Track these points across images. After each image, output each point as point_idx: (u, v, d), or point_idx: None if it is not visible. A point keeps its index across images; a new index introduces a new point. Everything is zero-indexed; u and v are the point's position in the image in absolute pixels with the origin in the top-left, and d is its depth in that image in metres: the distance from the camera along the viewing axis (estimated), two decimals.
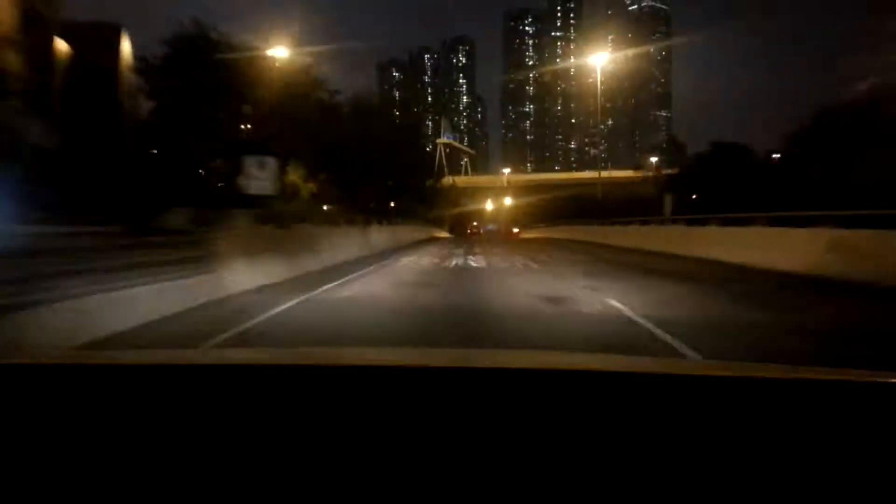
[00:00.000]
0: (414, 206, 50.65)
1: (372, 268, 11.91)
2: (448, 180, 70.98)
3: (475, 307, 6.52)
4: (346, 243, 14.58)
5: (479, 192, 72.96)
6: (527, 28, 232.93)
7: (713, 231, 15.02)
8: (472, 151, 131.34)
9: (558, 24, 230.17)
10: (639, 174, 53.08)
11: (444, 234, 57.36)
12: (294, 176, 28.35)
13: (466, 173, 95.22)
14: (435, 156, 78.21)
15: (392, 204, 40.86)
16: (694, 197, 38.62)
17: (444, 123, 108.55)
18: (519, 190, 69.12)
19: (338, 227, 16.28)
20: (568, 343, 4.62)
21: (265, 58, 22.82)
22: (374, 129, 29.77)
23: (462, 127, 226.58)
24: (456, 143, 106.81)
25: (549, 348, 4.36)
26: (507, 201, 71.19)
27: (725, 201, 27.26)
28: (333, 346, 4.67)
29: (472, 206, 70.45)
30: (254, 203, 15.11)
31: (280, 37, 24.59)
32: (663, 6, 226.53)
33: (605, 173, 63.45)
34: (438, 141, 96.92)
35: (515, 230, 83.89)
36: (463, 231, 70.36)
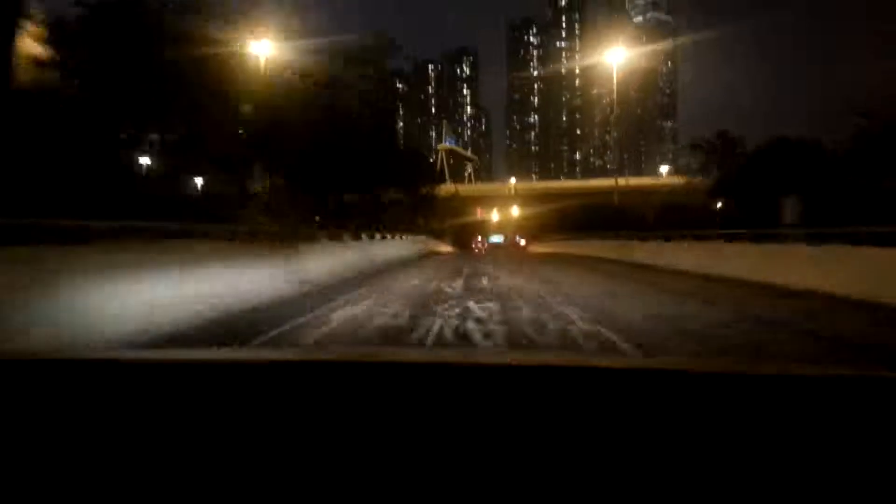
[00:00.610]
0: (412, 216, 44.33)
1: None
2: (450, 188, 64.02)
3: None
4: (235, 275, 7.57)
5: (483, 202, 65.78)
6: (531, 39, 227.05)
7: None
8: (476, 158, 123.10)
9: (563, 34, 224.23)
10: (672, 180, 45.42)
11: (446, 248, 50.55)
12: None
13: (470, 182, 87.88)
14: (436, 162, 71.30)
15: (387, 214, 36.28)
16: (718, 206, 31.53)
17: (445, 127, 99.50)
18: (526, 199, 62.02)
19: (240, 246, 9.17)
20: None
21: (224, 37, 16.97)
22: (335, 110, 23.30)
23: (466, 138, 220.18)
24: (458, 149, 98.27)
25: None
26: (514, 211, 64.00)
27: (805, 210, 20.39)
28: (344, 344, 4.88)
29: (476, 217, 63.49)
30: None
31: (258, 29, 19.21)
32: (668, 18, 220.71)
33: (621, 180, 56.62)
34: (439, 146, 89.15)
35: (522, 242, 77.25)
36: (467, 244, 63.42)
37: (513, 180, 76.68)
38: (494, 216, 67.47)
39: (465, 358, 1.55)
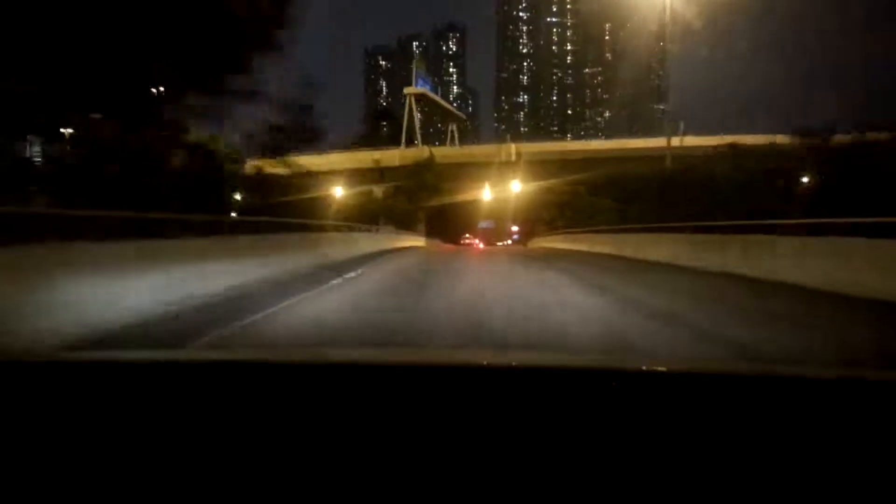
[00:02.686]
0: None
1: None
2: (421, 152, 43.53)
3: None
4: None
5: (472, 174, 44.49)
6: (520, 14, 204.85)
7: None
8: (462, 116, 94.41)
9: (553, 9, 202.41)
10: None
11: (415, 242, 30.74)
12: None
13: (454, 145, 62.30)
14: (403, 115, 49.59)
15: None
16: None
17: (416, 66, 65.14)
18: (533, 168, 41.20)
19: None
20: None
21: None
22: None
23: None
24: (436, 98, 71.09)
25: None
26: (516, 187, 43.06)
27: None
28: (327, 346, 4.34)
29: (460, 195, 42.67)
30: None
31: None
32: None
33: (675, 140, 36.70)
34: (407, 90, 62.28)
35: (515, 228, 56.73)
36: (452, 237, 43.65)
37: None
38: (486, 194, 46.54)
39: (450, 360, 1.44)
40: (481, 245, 44.12)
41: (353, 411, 0.94)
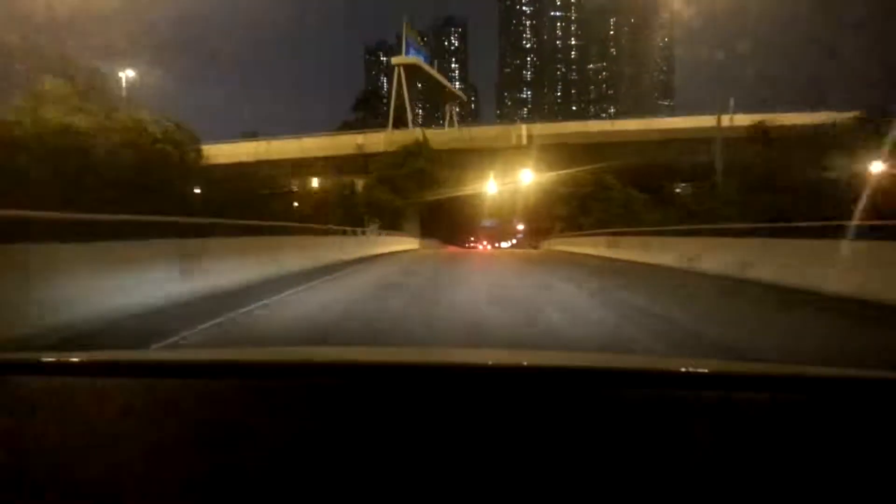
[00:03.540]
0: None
1: None
2: (414, 135, 36.60)
3: None
4: None
5: (474, 162, 37.27)
6: (524, 8, 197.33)
7: None
8: (462, 95, 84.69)
9: (557, 3, 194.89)
10: None
11: (407, 245, 24.10)
12: None
13: (453, 127, 53.82)
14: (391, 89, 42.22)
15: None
16: None
17: (406, 33, 53.66)
18: (548, 156, 34.17)
19: None
20: None
21: None
22: None
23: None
24: (431, 70, 59.68)
25: None
26: (527, 177, 35.93)
27: None
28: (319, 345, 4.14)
29: (462, 188, 35.63)
30: None
31: None
32: None
33: (725, 119, 29.87)
34: (396, 60, 52.20)
35: (521, 227, 50.20)
36: (451, 237, 36.92)
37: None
38: (491, 187, 39.38)
39: (449, 359, 1.38)
40: (489, 247, 37.45)
41: (353, 414, 0.91)
